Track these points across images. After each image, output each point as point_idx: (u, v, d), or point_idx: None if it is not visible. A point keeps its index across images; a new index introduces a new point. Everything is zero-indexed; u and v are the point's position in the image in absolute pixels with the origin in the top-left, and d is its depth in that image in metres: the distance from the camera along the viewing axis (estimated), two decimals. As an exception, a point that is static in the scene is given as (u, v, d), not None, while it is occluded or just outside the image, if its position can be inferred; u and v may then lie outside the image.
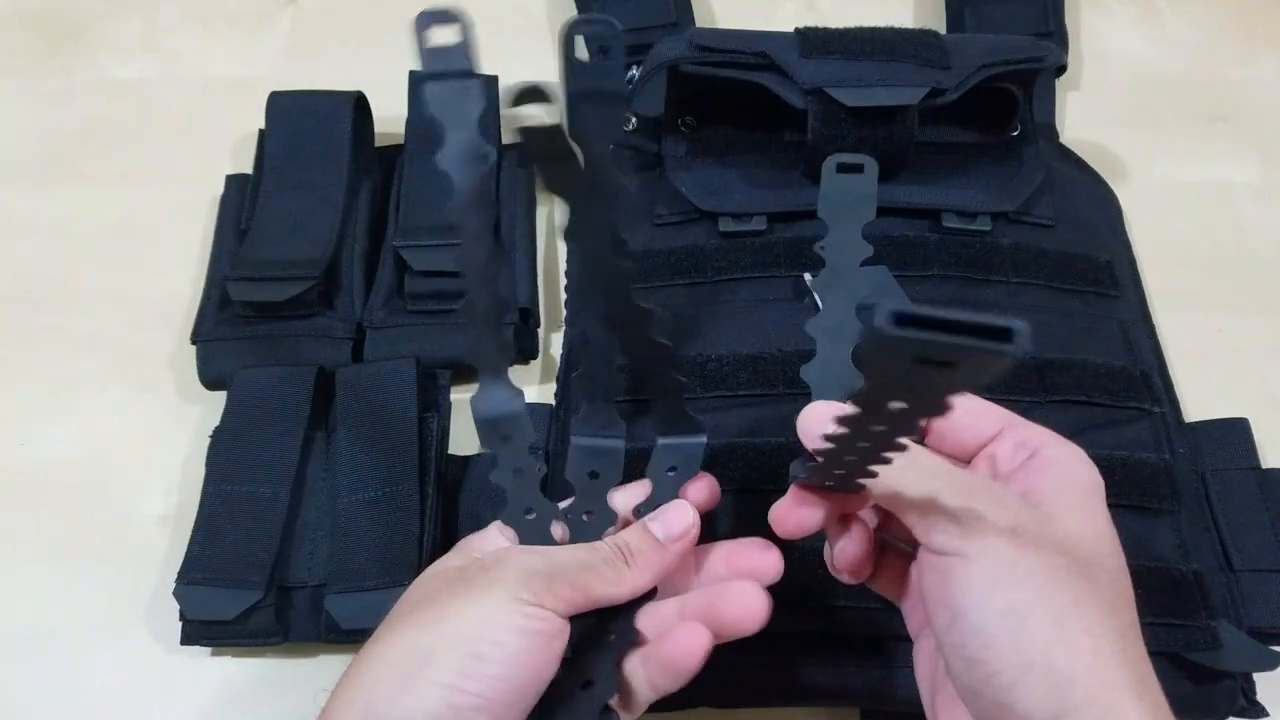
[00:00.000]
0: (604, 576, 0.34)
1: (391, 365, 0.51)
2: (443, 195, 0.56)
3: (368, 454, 0.48)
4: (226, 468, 0.49)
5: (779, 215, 0.54)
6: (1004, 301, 0.52)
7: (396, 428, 0.49)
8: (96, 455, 0.53)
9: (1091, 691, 0.28)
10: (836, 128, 0.52)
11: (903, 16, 0.67)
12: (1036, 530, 0.30)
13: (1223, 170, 0.62)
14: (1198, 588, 0.45)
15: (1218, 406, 0.52)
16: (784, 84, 0.52)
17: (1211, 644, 0.44)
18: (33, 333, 0.56)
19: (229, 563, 0.46)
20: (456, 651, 0.31)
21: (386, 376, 0.50)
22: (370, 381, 0.50)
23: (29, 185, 0.61)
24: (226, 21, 0.67)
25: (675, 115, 0.57)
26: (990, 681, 0.29)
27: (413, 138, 0.58)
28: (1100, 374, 0.50)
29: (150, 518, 0.51)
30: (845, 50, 0.52)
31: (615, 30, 0.34)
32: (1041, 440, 0.33)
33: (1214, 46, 0.67)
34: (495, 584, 0.33)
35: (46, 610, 0.49)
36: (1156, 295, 0.56)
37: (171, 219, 0.60)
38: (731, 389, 0.49)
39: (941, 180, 0.55)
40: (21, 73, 0.66)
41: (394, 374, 0.50)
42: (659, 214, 0.55)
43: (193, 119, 0.64)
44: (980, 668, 0.29)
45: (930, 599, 0.31)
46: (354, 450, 0.49)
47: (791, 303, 0.52)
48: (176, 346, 0.55)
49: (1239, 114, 0.64)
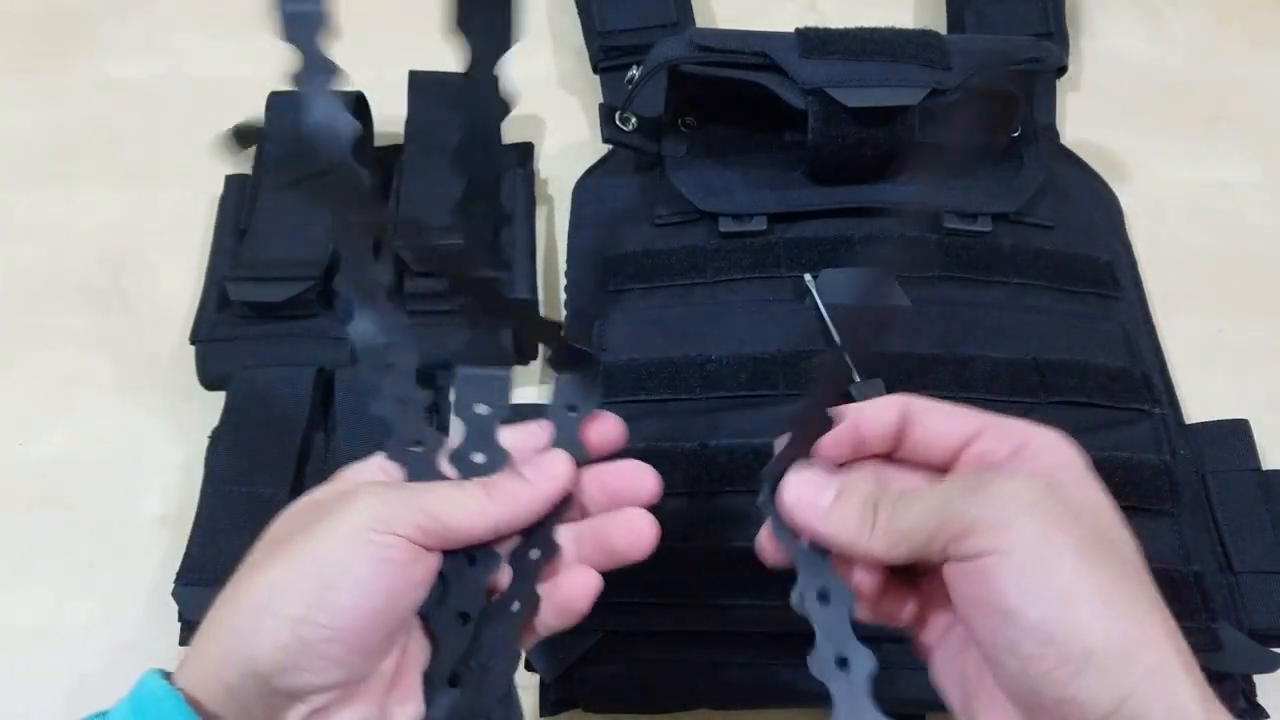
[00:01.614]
0: (462, 506, 0.33)
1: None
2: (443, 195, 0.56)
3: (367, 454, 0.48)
4: (226, 468, 0.49)
5: (779, 215, 0.54)
6: (1004, 302, 0.52)
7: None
8: (96, 455, 0.53)
9: (1150, 667, 0.28)
10: (837, 128, 0.52)
11: (903, 16, 0.67)
12: (1054, 504, 0.30)
13: (1223, 171, 0.62)
14: (1198, 589, 0.45)
15: (1218, 408, 0.52)
16: (784, 84, 0.52)
17: (1212, 645, 0.44)
18: (33, 333, 0.56)
19: (228, 563, 0.46)
20: (305, 584, 0.31)
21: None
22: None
23: (29, 185, 0.61)
24: (226, 21, 0.67)
25: (675, 115, 0.57)
26: (1051, 676, 0.28)
27: (413, 138, 0.58)
28: (1101, 375, 0.50)
29: (150, 518, 0.51)
30: (846, 50, 0.52)
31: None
32: (1025, 430, 0.33)
33: (1215, 47, 0.67)
34: (345, 514, 0.32)
35: (46, 610, 0.49)
36: (1157, 296, 0.56)
37: (171, 219, 0.60)
38: (731, 389, 0.49)
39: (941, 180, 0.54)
40: (21, 73, 0.65)
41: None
42: (659, 214, 0.55)
43: (193, 119, 0.64)
44: (1038, 663, 0.28)
45: (972, 607, 0.30)
46: (354, 450, 0.48)
47: (791, 303, 0.52)
48: (176, 346, 0.55)
49: (1240, 114, 0.64)
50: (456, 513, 0.33)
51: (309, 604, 0.30)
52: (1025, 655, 0.29)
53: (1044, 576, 0.29)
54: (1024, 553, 0.29)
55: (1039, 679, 0.29)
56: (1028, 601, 0.29)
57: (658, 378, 0.49)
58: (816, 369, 0.33)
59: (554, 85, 0.65)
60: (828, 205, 0.54)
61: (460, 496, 0.34)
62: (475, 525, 0.33)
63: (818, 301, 0.51)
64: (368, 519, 0.32)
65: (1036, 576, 0.29)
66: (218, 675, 0.30)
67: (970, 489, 0.31)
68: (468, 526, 0.33)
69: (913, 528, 0.31)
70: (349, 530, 0.32)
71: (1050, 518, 0.30)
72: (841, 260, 0.52)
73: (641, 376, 0.50)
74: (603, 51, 0.61)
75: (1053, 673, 0.28)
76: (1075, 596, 0.29)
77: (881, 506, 0.32)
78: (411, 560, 0.32)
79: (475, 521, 0.33)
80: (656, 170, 0.57)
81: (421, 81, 0.59)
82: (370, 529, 0.32)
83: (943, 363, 0.49)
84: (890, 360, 0.49)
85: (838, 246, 0.53)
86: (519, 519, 0.34)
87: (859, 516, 0.32)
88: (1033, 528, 0.29)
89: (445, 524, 0.33)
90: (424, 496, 0.33)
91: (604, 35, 0.61)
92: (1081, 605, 0.28)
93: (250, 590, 0.31)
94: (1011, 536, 0.29)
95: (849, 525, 0.32)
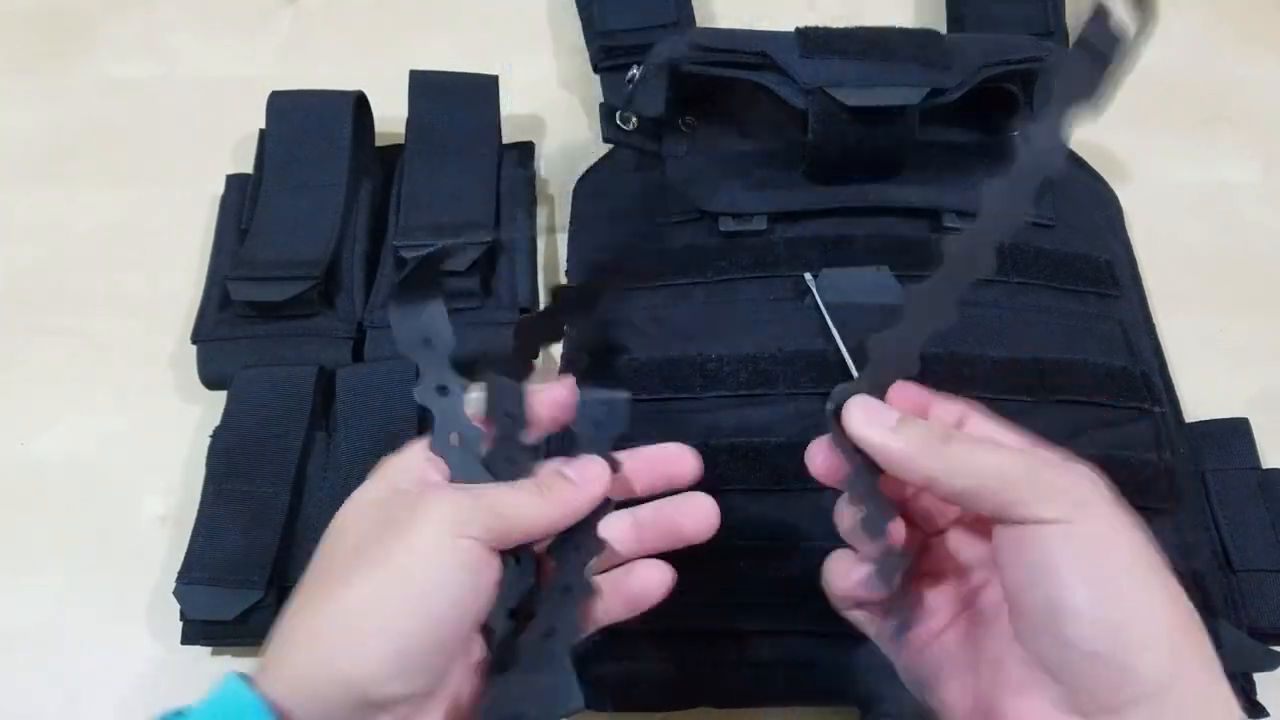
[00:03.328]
0: (523, 507, 0.34)
1: (391, 365, 0.51)
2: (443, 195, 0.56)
3: (368, 454, 0.48)
4: (226, 467, 0.49)
5: (779, 215, 0.54)
6: (1004, 301, 0.52)
7: (396, 427, 0.49)
8: (96, 455, 0.53)
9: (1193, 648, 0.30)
10: (837, 127, 0.52)
11: (903, 16, 0.67)
12: (1123, 506, 0.32)
13: (1223, 170, 0.62)
14: (1198, 587, 0.45)
15: (1218, 406, 0.52)
16: (784, 84, 0.52)
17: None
18: (33, 333, 0.56)
19: (229, 563, 0.46)
20: (402, 596, 0.31)
21: (386, 376, 0.50)
22: (370, 381, 0.50)
23: (29, 185, 0.61)
24: (226, 21, 0.67)
25: (675, 115, 0.57)
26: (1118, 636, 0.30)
27: (413, 138, 0.58)
28: (1100, 374, 0.50)
29: (150, 518, 0.51)
30: (846, 50, 0.52)
31: None
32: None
33: (1215, 47, 0.67)
34: (425, 521, 0.32)
35: (47, 610, 0.49)
36: (1157, 295, 0.56)
37: (171, 219, 0.60)
38: (731, 389, 0.49)
39: (941, 180, 0.55)
40: (21, 73, 0.66)
41: (394, 374, 0.50)
42: (659, 214, 0.55)
43: (193, 119, 0.64)
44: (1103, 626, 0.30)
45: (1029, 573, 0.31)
46: (354, 450, 0.49)
47: (792, 302, 0.52)
48: (176, 346, 0.55)
49: (1239, 114, 0.64)
50: (520, 513, 0.34)
51: (409, 614, 0.31)
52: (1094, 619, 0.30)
53: (1112, 550, 0.31)
54: (1092, 527, 0.31)
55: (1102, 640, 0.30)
56: (1090, 573, 0.30)
57: (658, 377, 0.49)
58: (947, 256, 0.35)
59: (554, 85, 0.65)
60: (828, 205, 0.54)
61: (522, 497, 0.34)
62: (537, 525, 0.34)
63: (818, 301, 0.51)
64: (447, 524, 0.32)
65: (1105, 549, 0.31)
66: (307, 686, 0.31)
67: (1053, 461, 0.33)
68: (529, 526, 0.34)
69: (989, 468, 0.32)
70: (434, 537, 0.32)
71: (1120, 512, 0.32)
72: (841, 260, 0.52)
73: (641, 376, 0.50)
74: (603, 51, 0.61)
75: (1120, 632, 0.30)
76: (1138, 571, 0.31)
77: (954, 438, 0.33)
78: (486, 562, 0.33)
79: (536, 521, 0.34)
80: (656, 170, 0.57)
81: (421, 81, 0.59)
82: (451, 535, 0.32)
83: (942, 361, 0.49)
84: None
85: (838, 246, 0.53)
86: (569, 519, 0.35)
87: (923, 438, 0.33)
88: (1106, 513, 0.31)
89: (511, 524, 0.33)
90: (488, 497, 0.34)
91: (604, 35, 0.61)
92: (1140, 580, 0.31)
93: (340, 603, 0.32)
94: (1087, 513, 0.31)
95: (913, 442, 0.33)
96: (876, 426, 0.34)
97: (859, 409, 0.35)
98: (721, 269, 0.53)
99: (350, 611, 0.31)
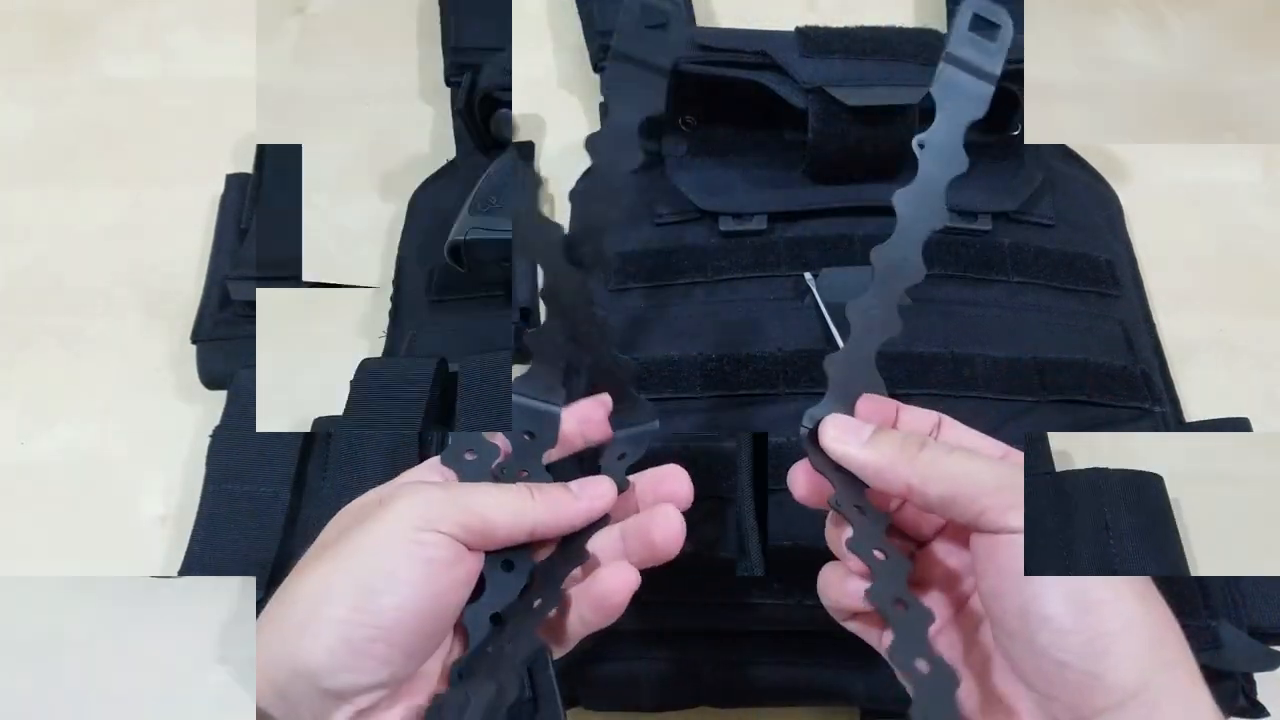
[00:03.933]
0: (503, 504, 0.34)
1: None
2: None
3: (368, 453, 0.48)
4: (226, 467, 0.48)
5: (779, 215, 0.54)
6: (1004, 301, 0.52)
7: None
8: (96, 455, 0.53)
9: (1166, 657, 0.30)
10: (837, 127, 0.52)
11: (903, 16, 0.67)
12: None
13: (1224, 170, 0.62)
14: (1198, 587, 0.45)
15: (1218, 406, 0.52)
16: (784, 83, 0.52)
17: (1212, 644, 0.44)
18: (33, 333, 0.56)
19: (229, 563, 0.46)
20: (350, 585, 0.31)
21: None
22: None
23: (29, 185, 0.61)
24: (226, 21, 0.67)
25: (675, 115, 0.57)
26: (1091, 645, 0.29)
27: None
28: (1101, 373, 0.50)
29: (150, 518, 0.51)
30: (846, 50, 0.52)
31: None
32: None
33: (1218, 54, 0.67)
34: (388, 515, 0.32)
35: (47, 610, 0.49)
36: (1157, 295, 0.56)
37: (171, 219, 0.60)
38: (731, 388, 0.49)
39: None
40: (21, 73, 0.66)
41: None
42: (659, 214, 0.55)
43: (193, 119, 0.64)
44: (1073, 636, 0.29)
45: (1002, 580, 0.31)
46: (354, 449, 0.48)
47: (792, 302, 0.52)
48: (176, 346, 0.55)
49: (1242, 119, 0.64)
50: (498, 510, 0.34)
51: (354, 605, 0.31)
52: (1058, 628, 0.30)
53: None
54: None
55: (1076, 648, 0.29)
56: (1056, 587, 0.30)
57: (657, 377, 0.49)
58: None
59: (554, 85, 0.65)
60: (828, 204, 0.54)
61: (503, 495, 0.34)
62: (516, 523, 0.34)
63: (818, 301, 0.51)
64: (411, 518, 0.32)
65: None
66: (267, 676, 0.31)
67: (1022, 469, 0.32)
68: (509, 524, 0.34)
69: (960, 475, 0.32)
70: (392, 530, 0.32)
71: None
72: (841, 259, 0.52)
73: (641, 376, 0.49)
74: (603, 51, 0.61)
75: (1094, 640, 0.29)
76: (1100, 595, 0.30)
77: (928, 446, 0.34)
78: (454, 560, 0.32)
79: (516, 519, 0.34)
80: (656, 170, 0.57)
81: None
82: (414, 528, 0.32)
83: (943, 361, 0.49)
84: (890, 359, 0.49)
85: (838, 245, 0.53)
86: (558, 525, 0.35)
87: (898, 447, 0.34)
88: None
89: (487, 520, 0.33)
90: (467, 495, 0.34)
91: (604, 34, 0.61)
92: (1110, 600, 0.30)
93: (297, 593, 0.32)
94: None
95: (887, 453, 0.34)
96: (852, 442, 0.35)
97: (833, 427, 0.35)
98: (721, 269, 0.53)
99: (299, 600, 0.31)
